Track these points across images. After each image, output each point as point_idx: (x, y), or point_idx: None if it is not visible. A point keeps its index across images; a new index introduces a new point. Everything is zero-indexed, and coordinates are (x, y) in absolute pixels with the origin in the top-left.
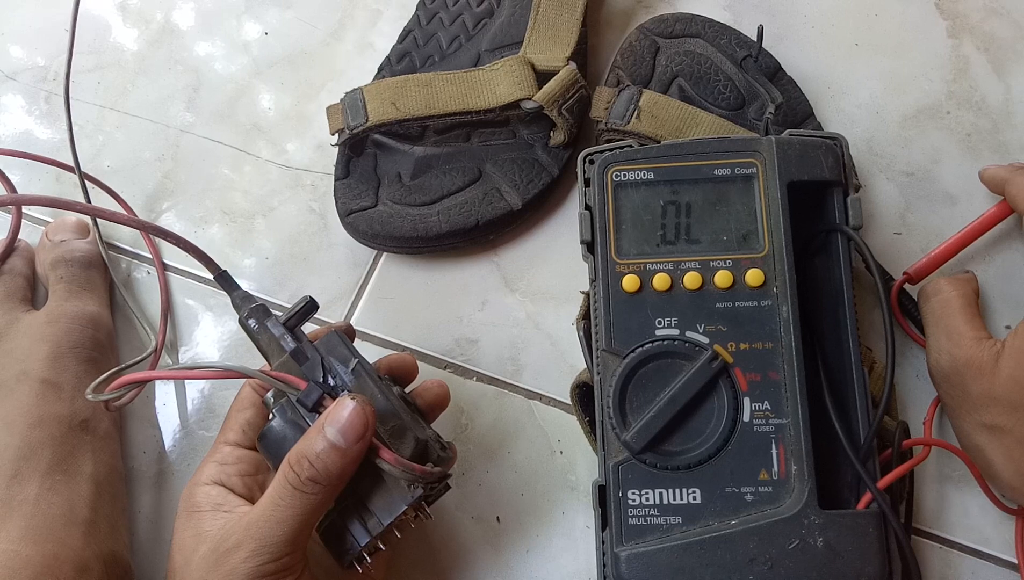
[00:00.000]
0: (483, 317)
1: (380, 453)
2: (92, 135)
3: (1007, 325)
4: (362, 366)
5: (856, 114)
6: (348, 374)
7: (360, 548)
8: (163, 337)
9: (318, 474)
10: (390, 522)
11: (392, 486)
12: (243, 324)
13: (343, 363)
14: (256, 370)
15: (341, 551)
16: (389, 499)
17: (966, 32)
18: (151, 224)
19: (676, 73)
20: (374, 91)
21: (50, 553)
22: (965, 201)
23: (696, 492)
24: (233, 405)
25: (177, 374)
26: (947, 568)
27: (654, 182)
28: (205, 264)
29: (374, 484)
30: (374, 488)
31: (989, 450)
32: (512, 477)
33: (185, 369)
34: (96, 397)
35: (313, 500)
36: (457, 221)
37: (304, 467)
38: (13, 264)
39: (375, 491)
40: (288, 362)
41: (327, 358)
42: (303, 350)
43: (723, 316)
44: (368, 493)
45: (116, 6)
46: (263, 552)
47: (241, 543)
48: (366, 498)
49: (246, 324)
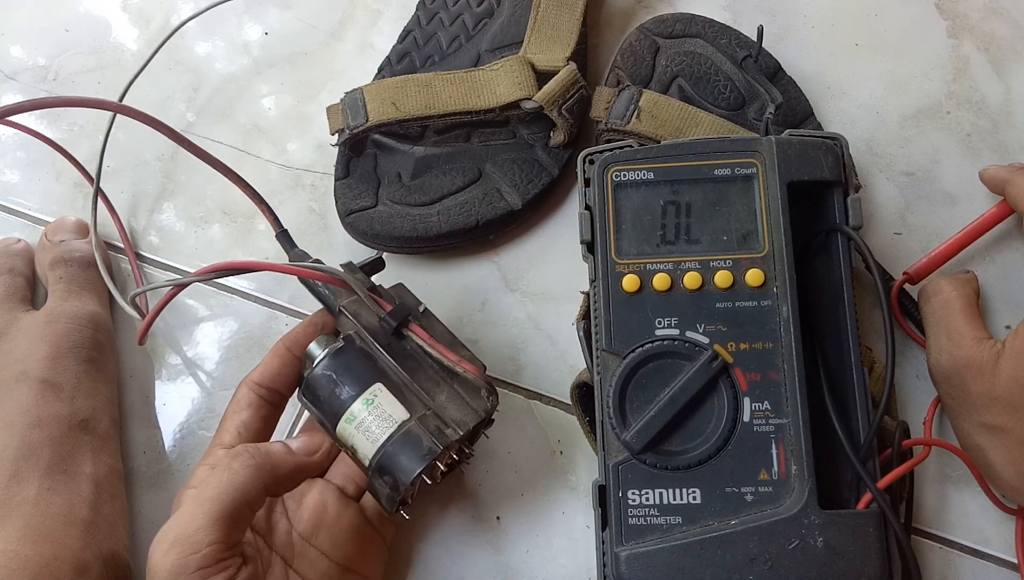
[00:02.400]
0: (483, 317)
1: (463, 365)
2: (92, 135)
3: (1007, 325)
4: (429, 310)
5: (856, 114)
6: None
7: (440, 449)
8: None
9: (256, 451)
10: (472, 426)
11: (469, 398)
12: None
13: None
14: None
15: (415, 458)
16: (466, 410)
17: (966, 32)
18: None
19: (676, 73)
20: (374, 91)
21: (49, 553)
22: (965, 201)
23: (696, 492)
24: (229, 407)
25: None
26: (947, 568)
27: (654, 182)
28: (271, 221)
29: (450, 399)
30: (450, 402)
31: (989, 450)
32: (512, 477)
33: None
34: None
35: (238, 478)
36: (457, 221)
37: (247, 446)
38: (13, 264)
39: (451, 405)
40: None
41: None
42: (378, 289)
43: (723, 316)
44: (444, 407)
45: (116, 6)
46: (182, 542)
47: (161, 536)
48: (442, 412)
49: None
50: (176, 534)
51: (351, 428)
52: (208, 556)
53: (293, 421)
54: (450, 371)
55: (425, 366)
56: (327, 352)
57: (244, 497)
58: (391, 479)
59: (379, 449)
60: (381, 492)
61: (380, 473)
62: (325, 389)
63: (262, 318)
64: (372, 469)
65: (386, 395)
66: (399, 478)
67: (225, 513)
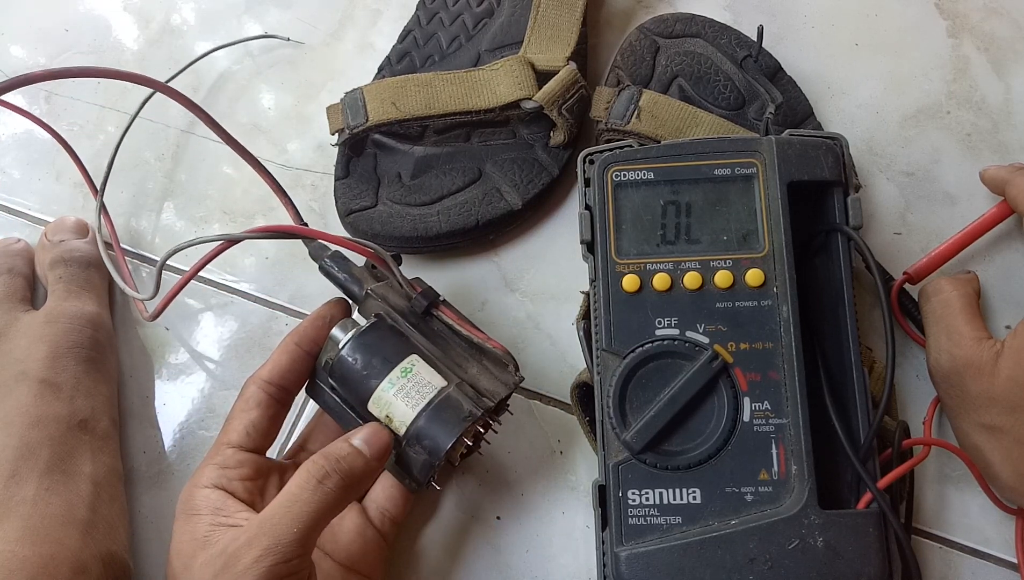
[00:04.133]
0: (483, 317)
1: (491, 342)
2: (92, 135)
3: (1007, 325)
4: (447, 300)
5: (856, 114)
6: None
7: (480, 414)
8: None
9: (342, 469)
10: (506, 394)
11: (497, 373)
12: (325, 269)
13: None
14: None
15: (455, 421)
16: (496, 382)
17: (966, 32)
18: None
19: (676, 73)
20: (374, 91)
21: (48, 554)
22: (965, 201)
23: (696, 492)
24: (237, 405)
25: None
26: (947, 568)
27: (654, 182)
28: (292, 215)
29: (480, 373)
30: (481, 375)
31: (988, 450)
32: (512, 477)
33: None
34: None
35: (330, 498)
36: (457, 221)
37: (330, 461)
38: (12, 264)
39: (483, 377)
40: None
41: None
42: (398, 279)
43: (723, 316)
44: (477, 379)
45: (116, 6)
46: (276, 551)
47: (252, 541)
48: (475, 383)
49: (328, 269)
50: (269, 543)
51: (388, 396)
52: (295, 565)
53: (293, 421)
54: (478, 348)
55: (454, 344)
56: (356, 330)
57: (331, 515)
58: (430, 443)
59: (420, 413)
60: (415, 461)
61: (418, 439)
62: (355, 367)
63: (262, 318)
64: (409, 436)
65: (423, 365)
66: (439, 442)
67: (314, 529)
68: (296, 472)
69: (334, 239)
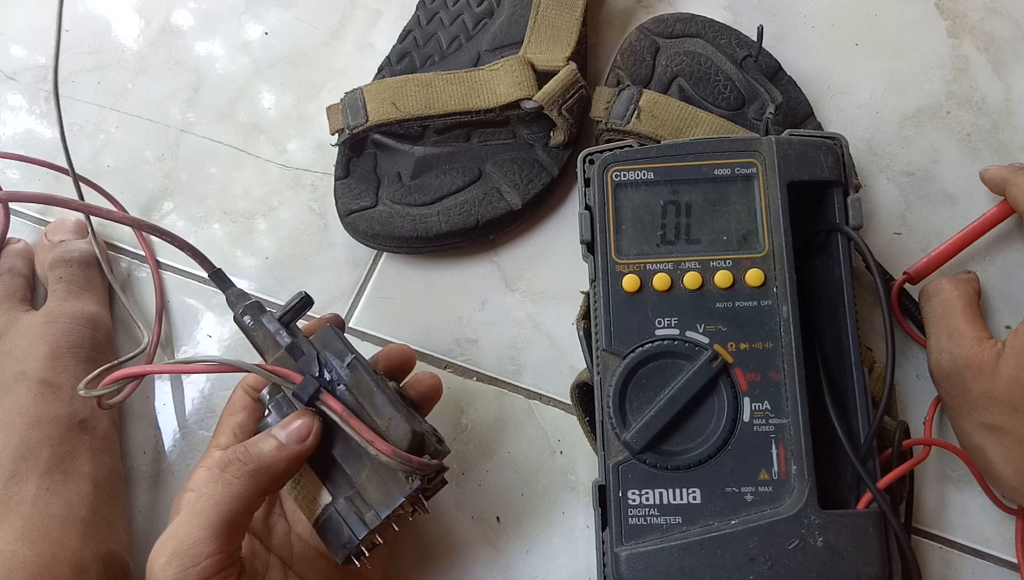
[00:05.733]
0: (483, 317)
1: (376, 445)
2: (92, 135)
3: (1007, 325)
4: (358, 361)
5: (856, 114)
6: (344, 368)
7: (358, 542)
8: (158, 333)
9: (247, 455)
10: (388, 514)
11: (389, 479)
12: (238, 321)
13: (339, 358)
14: (252, 365)
15: (338, 545)
16: (387, 492)
17: (966, 32)
18: (144, 222)
19: (676, 73)
20: (374, 91)
21: (48, 553)
22: (965, 201)
23: (696, 492)
24: (225, 409)
25: (172, 368)
26: (947, 568)
27: (654, 182)
28: (199, 262)
29: (371, 478)
30: (371, 482)
31: (989, 450)
32: (512, 477)
33: (180, 363)
34: (89, 393)
35: (235, 488)
36: (457, 221)
37: (235, 450)
38: (12, 264)
39: (372, 484)
40: (284, 357)
41: (323, 353)
42: (299, 345)
43: (723, 316)
44: (365, 487)
45: (116, 6)
46: (181, 555)
47: (159, 548)
48: (363, 492)
49: (241, 321)
50: (175, 546)
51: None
52: (207, 568)
53: None
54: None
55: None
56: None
57: (240, 506)
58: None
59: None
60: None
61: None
62: None
63: None
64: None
65: (309, 474)
66: (335, 553)
67: (223, 523)
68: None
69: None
